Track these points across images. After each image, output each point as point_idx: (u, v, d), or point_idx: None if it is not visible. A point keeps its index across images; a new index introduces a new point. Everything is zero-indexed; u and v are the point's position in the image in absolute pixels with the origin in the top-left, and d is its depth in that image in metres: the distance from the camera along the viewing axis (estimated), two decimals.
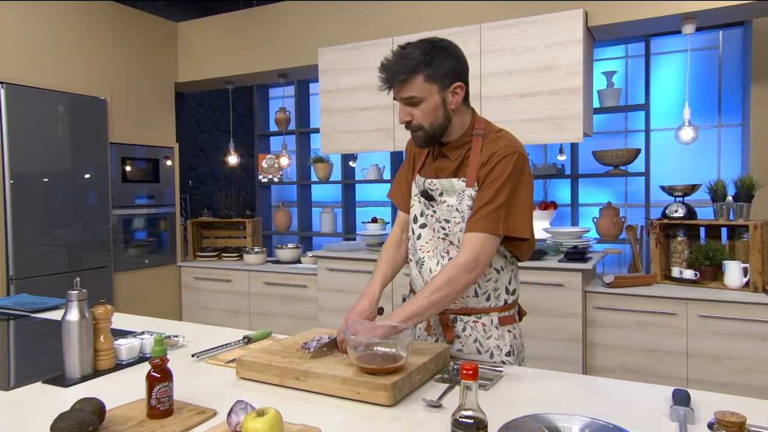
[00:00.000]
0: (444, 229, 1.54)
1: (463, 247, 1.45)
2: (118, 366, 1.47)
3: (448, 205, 1.52)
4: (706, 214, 3.35)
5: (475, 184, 1.47)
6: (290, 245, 4.47)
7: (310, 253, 4.16)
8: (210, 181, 5.51)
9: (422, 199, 1.58)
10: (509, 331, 1.56)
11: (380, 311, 1.63)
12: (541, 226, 3.97)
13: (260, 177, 5.28)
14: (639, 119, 4.14)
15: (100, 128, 3.99)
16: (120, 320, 2.02)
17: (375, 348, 1.30)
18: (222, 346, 1.63)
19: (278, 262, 4.41)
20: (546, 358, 3.14)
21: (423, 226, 1.59)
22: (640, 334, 3.00)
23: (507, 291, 1.57)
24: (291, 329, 3.93)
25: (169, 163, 4.56)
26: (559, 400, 1.23)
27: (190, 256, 4.72)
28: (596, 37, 3.49)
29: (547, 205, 4.11)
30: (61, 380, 1.36)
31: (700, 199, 3.39)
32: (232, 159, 4.79)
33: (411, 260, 1.64)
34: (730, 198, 3.09)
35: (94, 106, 3.95)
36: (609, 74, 3.98)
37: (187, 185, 5.14)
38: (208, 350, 1.58)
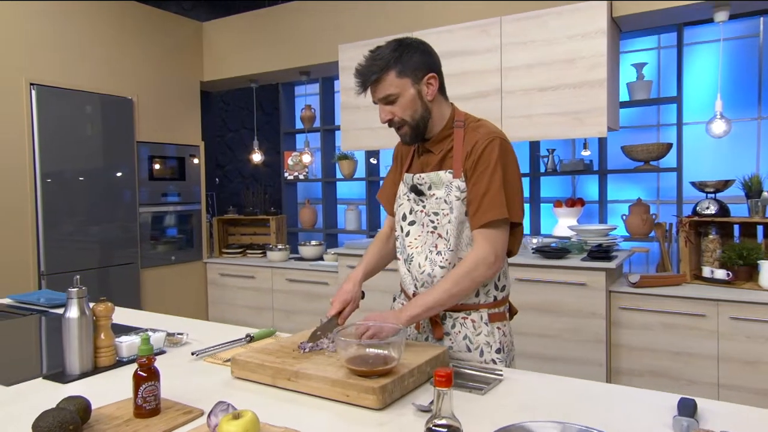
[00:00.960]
0: (433, 222, 1.54)
1: (477, 242, 1.46)
2: (119, 363, 1.48)
3: (436, 198, 1.53)
4: (740, 211, 3.20)
5: (462, 175, 1.49)
6: (313, 242, 4.48)
7: (331, 251, 4.16)
8: (237, 179, 5.58)
9: (411, 196, 1.59)
10: (499, 328, 1.55)
11: (362, 295, 1.68)
12: (567, 224, 3.86)
13: (286, 174, 5.32)
14: (672, 112, 3.98)
15: (127, 127, 4.08)
16: (129, 316, 2.06)
17: (367, 349, 1.27)
18: (223, 344, 1.63)
19: (301, 259, 4.43)
20: (568, 359, 3.05)
21: (412, 223, 1.59)
22: (667, 336, 2.88)
23: (496, 287, 1.56)
24: (313, 326, 3.93)
25: (195, 161, 4.63)
26: (558, 407, 1.18)
27: (216, 253, 4.79)
28: (623, 28, 3.37)
29: (573, 201, 4.00)
30: (60, 377, 1.38)
31: (734, 196, 3.23)
32: (256, 157, 4.83)
33: (399, 259, 1.64)
34: (765, 194, 2.93)
35: (121, 106, 4.04)
36: (639, 66, 3.84)
37: (214, 183, 5.21)
38: (208, 348, 1.58)
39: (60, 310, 2.18)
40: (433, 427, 0.84)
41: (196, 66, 4.72)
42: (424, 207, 1.56)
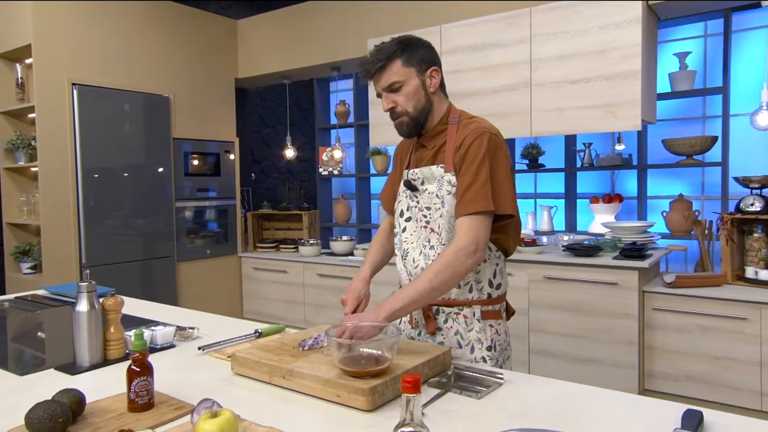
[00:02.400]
0: (426, 217, 1.55)
1: (459, 232, 1.44)
2: (128, 356, 1.51)
3: (429, 193, 1.55)
4: None
5: (452, 169, 1.50)
6: (344, 238, 4.49)
7: (361, 246, 4.17)
8: (274, 174, 5.66)
9: (407, 191, 1.60)
10: (491, 325, 1.54)
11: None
12: (604, 220, 3.73)
13: (320, 170, 5.35)
14: (718, 104, 3.77)
15: (163, 124, 4.19)
16: (145, 309, 2.11)
17: (360, 349, 1.25)
18: (231, 339, 1.64)
19: (332, 254, 4.46)
20: (598, 360, 2.95)
21: (408, 219, 1.60)
22: (705, 340, 2.75)
23: (491, 284, 1.55)
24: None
25: (230, 157, 4.72)
26: (554, 413, 1.13)
27: (250, 247, 4.88)
28: (661, 16, 3.21)
29: (611, 197, 3.85)
30: (70, 368, 1.43)
31: None
32: (289, 152, 4.88)
33: (397, 255, 1.65)
34: None
35: (157, 104, 4.16)
36: (682, 55, 3.65)
37: (249, 178, 5.30)
38: (215, 344, 1.60)
39: None
40: None
41: (231, 63, 4.80)
42: (418, 202, 1.57)
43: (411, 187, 1.58)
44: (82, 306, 1.44)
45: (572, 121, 3.10)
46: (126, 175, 3.95)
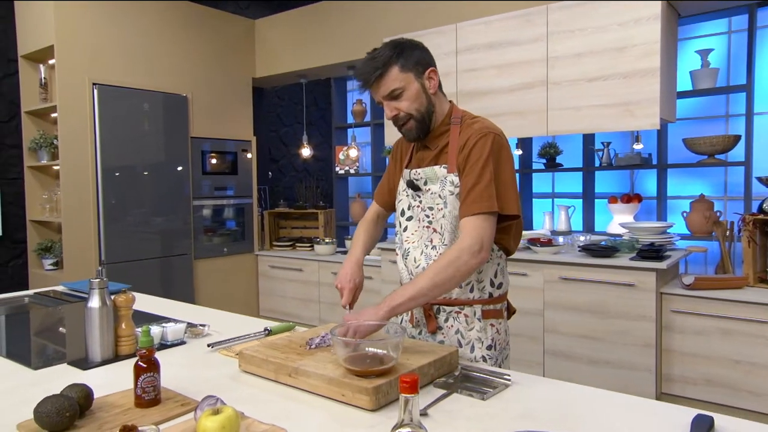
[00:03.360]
0: (428, 217, 1.55)
1: (463, 233, 1.43)
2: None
3: (432, 193, 1.54)
4: None
5: (456, 170, 1.49)
6: None
7: (377, 245, 4.16)
8: (291, 173, 5.69)
9: (409, 191, 1.60)
10: (492, 325, 1.53)
11: None
12: (623, 220, 3.67)
13: (337, 169, 5.37)
14: (741, 102, 3.68)
15: (181, 124, 4.24)
16: (157, 305, 2.13)
17: (366, 348, 1.25)
18: (241, 337, 1.65)
19: (347, 252, 4.46)
20: (614, 363, 2.91)
21: (410, 218, 1.60)
22: (725, 343, 2.69)
23: (492, 284, 1.54)
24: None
25: (248, 155, 4.75)
26: (561, 416, 1.12)
27: (267, 246, 4.91)
28: (682, 12, 3.15)
29: (630, 197, 3.79)
30: (83, 363, 1.45)
31: None
32: (305, 151, 4.90)
33: (398, 254, 1.64)
34: None
35: (176, 103, 4.21)
36: (704, 53, 3.57)
37: (266, 177, 5.34)
38: (224, 341, 1.61)
39: None
40: None
41: (248, 63, 4.84)
42: (420, 202, 1.57)
43: (413, 186, 1.58)
44: (94, 302, 1.46)
45: (589, 120, 3.06)
46: (145, 173, 4.01)
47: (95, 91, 3.75)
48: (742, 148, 3.49)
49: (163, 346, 1.60)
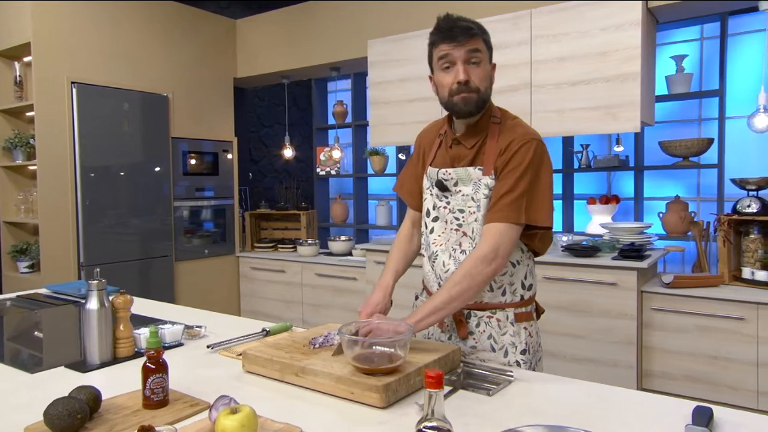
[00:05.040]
0: (458, 219, 1.50)
1: (482, 239, 1.41)
2: (137, 354, 1.52)
3: (463, 195, 1.48)
4: None
5: (492, 172, 1.44)
6: (343, 237, 4.50)
7: (359, 246, 4.18)
8: (271, 174, 5.65)
9: (435, 191, 1.54)
10: (525, 328, 1.49)
11: (391, 303, 1.61)
12: (601, 221, 3.76)
13: (318, 170, 5.36)
14: (714, 106, 3.81)
15: (161, 124, 4.18)
16: (151, 308, 2.11)
17: (373, 347, 1.26)
18: (240, 337, 1.65)
19: (330, 254, 4.46)
20: (597, 360, 2.98)
21: (435, 219, 1.54)
22: (703, 340, 2.78)
23: (523, 286, 1.52)
24: (341, 321, 3.96)
25: (228, 156, 4.71)
26: (566, 411, 1.15)
27: (248, 247, 4.87)
28: (660, 19, 3.24)
29: (608, 199, 3.88)
30: (81, 366, 1.43)
31: None
32: (288, 152, 4.89)
33: (424, 255, 1.59)
34: None
35: (156, 103, 4.15)
36: (678, 58, 3.69)
37: (247, 178, 5.30)
38: (224, 342, 1.60)
39: None
40: (424, 429, 0.83)
41: (229, 63, 4.80)
42: (448, 203, 1.51)
43: (442, 187, 1.51)
44: (92, 304, 1.44)
45: (572, 123, 3.13)
46: (125, 174, 3.94)
47: (74, 89, 3.67)
48: (714, 151, 3.61)
49: (162, 347, 1.58)
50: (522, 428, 0.94)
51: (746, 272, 2.89)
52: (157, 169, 4.15)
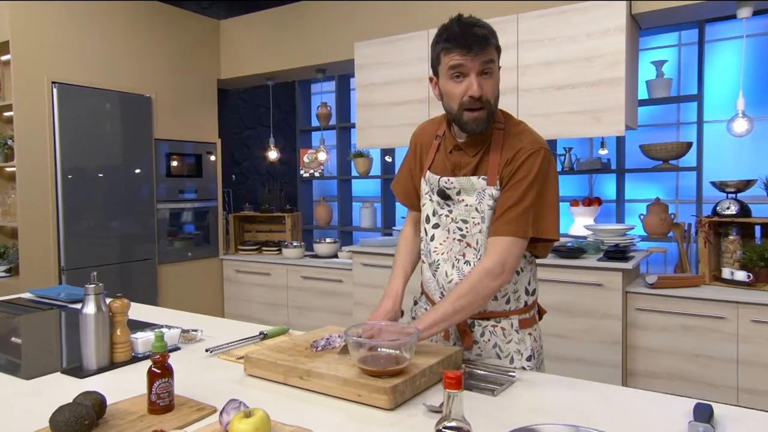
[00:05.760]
0: (461, 230, 1.46)
1: (488, 252, 1.38)
2: (134, 359, 1.50)
3: (466, 205, 1.44)
4: (762, 211, 3.14)
5: (497, 182, 1.39)
6: (328, 240, 4.49)
7: (346, 248, 4.17)
8: (254, 176, 5.61)
9: (435, 198, 1.49)
10: (530, 334, 1.48)
11: (401, 314, 1.59)
12: (584, 223, 3.82)
13: (302, 172, 5.34)
14: (692, 111, 3.92)
15: (145, 125, 4.12)
16: (145, 312, 2.08)
17: (379, 349, 1.27)
18: (237, 341, 1.64)
19: (316, 256, 4.45)
20: (583, 360, 3.03)
21: (436, 226, 1.50)
22: (685, 339, 2.85)
23: (527, 292, 1.51)
24: (327, 323, 3.95)
25: (212, 158, 4.67)
26: (570, 410, 1.17)
27: (232, 250, 4.83)
28: (642, 25, 3.32)
29: (591, 201, 3.95)
30: (78, 371, 1.41)
31: (756, 196, 3.18)
32: (272, 154, 4.86)
33: (424, 262, 1.57)
34: None
35: (139, 104, 4.09)
36: (658, 63, 3.78)
37: (230, 180, 5.25)
38: (222, 345, 1.59)
39: (78, 306, 2.22)
40: (443, 429, 0.83)
41: (213, 64, 4.75)
42: (450, 212, 1.47)
43: (444, 195, 1.47)
44: (90, 308, 1.42)
45: (558, 127, 3.17)
46: (106, 176, 3.87)
47: (54, 90, 3.59)
48: (693, 154, 3.71)
49: None
50: (538, 426, 0.95)
51: (726, 272, 2.96)
52: (140, 170, 4.09)
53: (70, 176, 3.65)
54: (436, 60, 1.41)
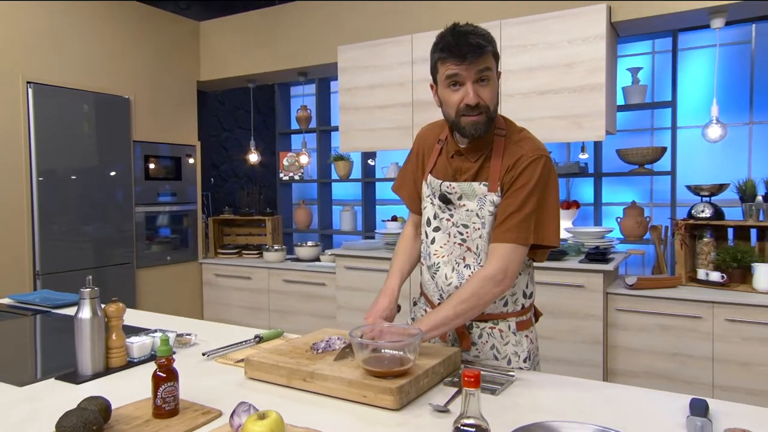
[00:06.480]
0: (461, 234, 1.47)
1: (490, 258, 1.40)
2: (130, 364, 1.48)
3: (467, 210, 1.46)
4: (734, 214, 3.25)
5: (498, 189, 1.41)
6: (310, 243, 4.48)
7: (329, 252, 4.17)
8: (232, 179, 5.56)
9: (437, 202, 1.51)
10: (527, 336, 1.51)
11: (398, 309, 1.60)
12: (563, 226, 3.90)
13: (281, 175, 5.31)
14: (666, 117, 4.04)
15: (123, 127, 4.05)
16: (135, 317, 2.05)
17: (382, 350, 1.28)
18: (233, 345, 1.63)
19: (298, 260, 4.43)
20: (565, 360, 3.08)
21: (437, 229, 1.52)
22: (663, 338, 2.92)
23: (524, 295, 1.53)
24: (310, 327, 3.95)
25: (191, 161, 4.61)
26: (571, 407, 1.20)
27: (211, 254, 4.77)
28: (620, 33, 3.41)
29: (569, 204, 4.04)
30: (73, 377, 1.38)
31: (728, 199, 3.29)
32: (253, 157, 4.83)
33: (423, 264, 1.59)
34: (760, 198, 2.98)
35: (117, 105, 4.02)
36: (634, 71, 3.89)
37: (209, 183, 5.19)
38: (219, 349, 1.58)
39: (61, 311, 2.18)
40: (462, 427, 0.85)
41: (193, 65, 4.70)
42: (451, 216, 1.49)
43: (445, 200, 1.48)
44: (85, 313, 1.39)
45: (541, 131, 3.21)
46: (83, 178, 3.78)
47: (30, 90, 3.51)
48: (668, 159, 3.82)
49: (154, 356, 1.54)
50: (553, 423, 0.98)
51: (701, 273, 3.06)
52: (118, 173, 4.01)
53: (45, 179, 3.57)
54: (434, 68, 1.44)
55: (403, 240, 1.68)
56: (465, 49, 1.32)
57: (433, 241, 1.53)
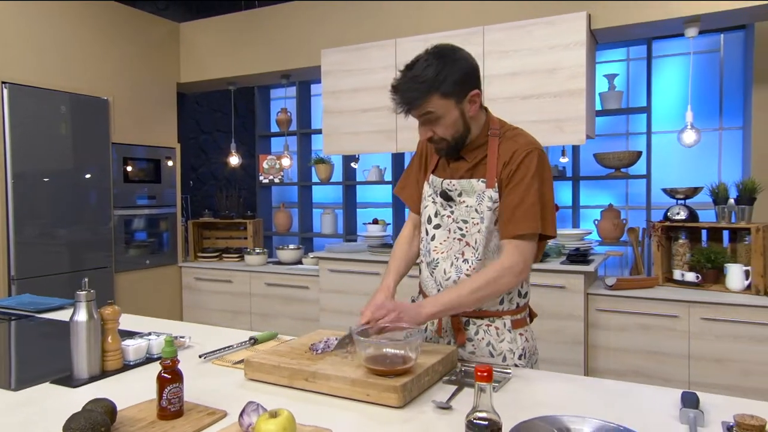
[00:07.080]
0: (461, 229, 1.52)
1: (505, 252, 1.44)
2: (126, 366, 1.47)
3: (467, 206, 1.51)
4: (707, 216, 3.36)
5: (496, 185, 1.46)
6: (291, 246, 4.47)
7: (311, 254, 4.16)
8: (211, 182, 5.51)
9: (438, 200, 1.56)
10: (521, 334, 1.55)
11: None
12: None
13: (261, 178, 5.28)
14: (640, 122, 4.16)
15: (101, 128, 3.98)
16: (123, 321, 2.02)
17: (384, 349, 1.30)
18: (228, 347, 1.62)
19: (279, 263, 4.41)
20: (548, 360, 3.14)
21: (437, 227, 1.56)
22: (642, 337, 3.01)
23: (519, 294, 1.57)
24: (292, 330, 3.93)
25: (170, 163, 4.55)
26: (568, 403, 1.24)
27: (191, 257, 4.72)
28: (599, 40, 3.50)
29: None
30: (69, 381, 1.36)
31: (702, 202, 3.40)
32: (234, 160, 4.79)
33: (422, 261, 1.62)
34: (731, 201, 3.09)
35: (96, 106, 3.95)
36: (610, 77, 3.99)
37: (188, 186, 5.13)
38: (215, 351, 1.58)
39: (45, 315, 2.13)
40: (475, 420, 0.87)
41: (172, 67, 4.65)
42: (452, 213, 1.54)
43: (446, 197, 1.54)
44: (81, 316, 1.38)
45: None
46: (60, 180, 3.71)
47: (5, 90, 3.42)
48: (643, 163, 3.93)
49: (149, 359, 1.53)
50: (552, 417, 1.01)
51: (677, 274, 3.15)
52: (96, 175, 3.94)
53: (23, 181, 3.48)
54: None
55: (400, 242, 1.72)
56: (398, 106, 1.42)
57: (433, 238, 1.57)
